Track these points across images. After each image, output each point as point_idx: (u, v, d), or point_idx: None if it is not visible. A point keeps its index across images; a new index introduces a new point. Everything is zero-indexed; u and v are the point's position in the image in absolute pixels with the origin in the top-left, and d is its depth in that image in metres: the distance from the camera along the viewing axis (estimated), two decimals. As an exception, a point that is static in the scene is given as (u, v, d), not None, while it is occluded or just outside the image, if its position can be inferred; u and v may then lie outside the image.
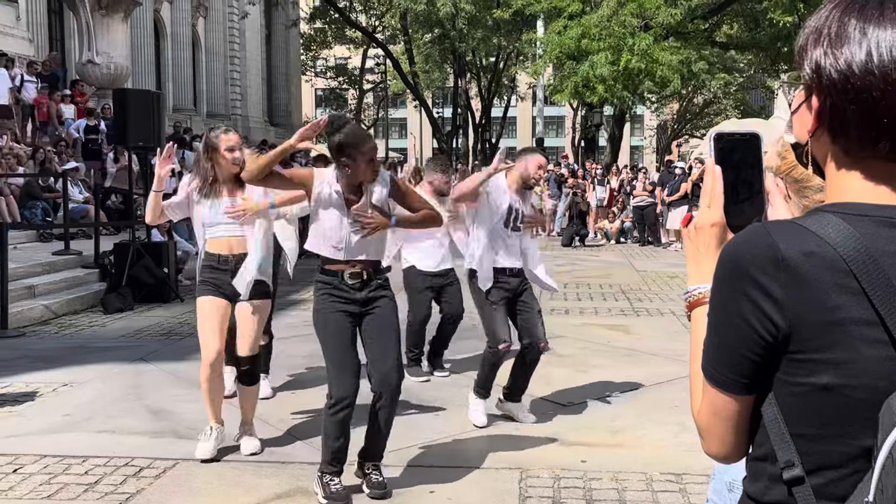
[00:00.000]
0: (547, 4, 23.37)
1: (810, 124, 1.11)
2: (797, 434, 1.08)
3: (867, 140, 1.06)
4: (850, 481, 1.05)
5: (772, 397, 1.10)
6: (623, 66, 21.07)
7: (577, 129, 33.93)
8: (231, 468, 4.54)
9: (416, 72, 33.97)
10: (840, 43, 1.06)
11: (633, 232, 19.42)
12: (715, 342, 1.12)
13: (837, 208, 1.08)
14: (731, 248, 1.10)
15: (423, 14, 27.55)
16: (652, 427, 5.17)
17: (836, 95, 1.06)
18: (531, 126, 49.77)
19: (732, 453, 1.16)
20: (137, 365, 6.97)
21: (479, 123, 37.50)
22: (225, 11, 35.06)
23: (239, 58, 36.02)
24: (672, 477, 4.29)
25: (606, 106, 25.80)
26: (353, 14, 36.74)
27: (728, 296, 1.09)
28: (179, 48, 31.84)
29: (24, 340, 8.07)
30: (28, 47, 22.61)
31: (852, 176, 1.09)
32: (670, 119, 47.22)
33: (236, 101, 35.57)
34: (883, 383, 1.01)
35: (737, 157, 1.19)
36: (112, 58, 18.36)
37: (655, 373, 6.43)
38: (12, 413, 5.59)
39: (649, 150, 56.79)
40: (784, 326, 1.05)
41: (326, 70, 48.08)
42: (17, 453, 4.73)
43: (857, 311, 1.02)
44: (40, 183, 14.05)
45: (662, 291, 11.23)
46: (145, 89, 20.39)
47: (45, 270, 10.38)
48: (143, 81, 26.57)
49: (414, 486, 4.24)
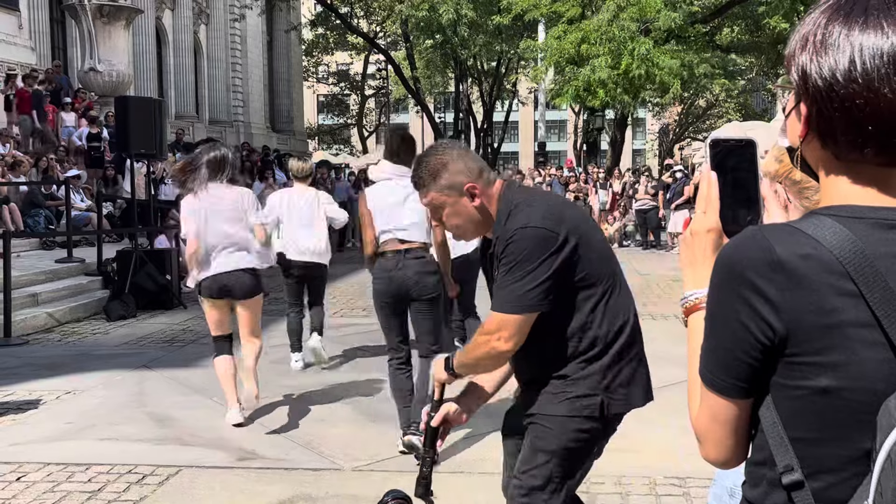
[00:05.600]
0: (546, 10, 23.38)
1: (800, 130, 1.11)
2: (796, 438, 1.08)
3: (853, 146, 1.06)
4: (849, 485, 1.04)
5: (770, 401, 1.09)
6: (624, 70, 21.07)
7: (578, 133, 33.95)
8: (234, 475, 4.55)
9: (417, 77, 33.98)
10: (825, 50, 1.05)
11: (635, 235, 19.41)
12: (712, 346, 1.12)
13: (832, 211, 1.08)
14: (727, 252, 1.10)
15: (424, 20, 27.56)
16: (655, 431, 5.14)
17: (821, 102, 1.06)
18: (533, 130, 49.84)
19: (731, 458, 1.16)
20: (140, 372, 6.97)
21: (480, 128, 37.49)
22: (226, 18, 35.14)
23: (241, 64, 36.10)
24: (676, 481, 4.28)
25: (608, 110, 25.80)
26: (355, 20, 36.77)
27: (724, 300, 1.09)
28: (181, 55, 31.91)
29: (28, 348, 8.08)
30: (30, 55, 22.69)
31: (844, 180, 1.09)
32: (672, 122, 47.23)
33: (238, 107, 35.63)
34: (881, 385, 1.01)
35: (732, 162, 1.20)
36: (114, 65, 18.41)
37: (658, 376, 6.35)
38: (16, 421, 5.60)
39: (651, 155, 56.79)
40: (781, 329, 1.04)
41: (328, 76, 48.14)
42: (20, 461, 4.73)
43: (854, 313, 1.02)
44: (43, 191, 14.08)
45: (665, 294, 11.22)
46: (147, 97, 20.47)
47: (48, 278, 10.40)
48: (146, 89, 26.63)
49: (417, 492, 4.23)
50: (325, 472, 4.58)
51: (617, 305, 2.44)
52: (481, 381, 2.67)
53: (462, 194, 2.46)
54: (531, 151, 51.02)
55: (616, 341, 2.42)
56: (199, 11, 33.36)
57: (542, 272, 2.28)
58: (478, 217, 2.48)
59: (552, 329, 2.37)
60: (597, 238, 2.47)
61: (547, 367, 2.42)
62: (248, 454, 4.84)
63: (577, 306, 2.38)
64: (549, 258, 2.29)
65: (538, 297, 2.29)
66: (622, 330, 2.44)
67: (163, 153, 11.83)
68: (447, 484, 4.36)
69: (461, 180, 2.45)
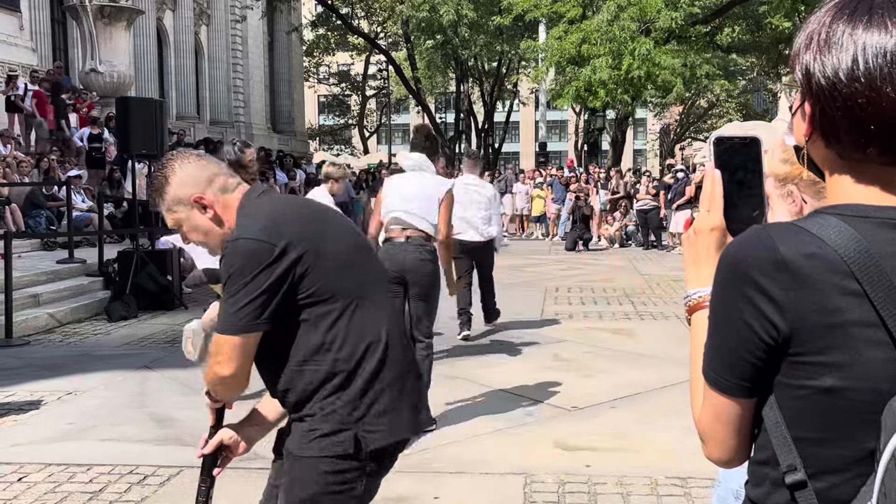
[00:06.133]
0: (547, 10, 23.39)
1: (805, 129, 1.11)
2: (799, 438, 1.07)
3: (857, 145, 1.05)
4: (853, 485, 1.04)
5: (773, 400, 1.09)
6: (625, 71, 21.07)
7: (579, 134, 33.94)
8: (235, 475, 4.54)
9: (418, 77, 34.00)
10: (828, 49, 1.05)
11: (636, 235, 19.41)
12: (715, 345, 1.12)
13: (837, 210, 1.07)
14: (731, 250, 1.10)
15: (425, 21, 27.58)
16: (657, 431, 5.15)
17: (825, 102, 1.06)
18: (534, 130, 49.82)
19: (734, 458, 1.16)
20: (142, 372, 6.97)
21: (481, 128, 37.52)
22: (227, 19, 35.18)
23: (242, 65, 36.14)
24: (677, 481, 4.27)
25: (608, 110, 25.81)
26: (356, 21, 36.80)
27: (728, 298, 1.08)
28: (182, 56, 31.95)
29: (29, 349, 8.08)
30: (31, 56, 22.72)
31: (848, 179, 1.09)
32: (673, 122, 47.23)
33: (239, 108, 35.67)
34: (886, 385, 1.01)
35: (736, 161, 1.19)
36: (115, 66, 18.43)
37: (660, 377, 6.41)
38: (17, 422, 5.60)
39: (651, 154, 56.78)
40: (784, 329, 1.04)
41: (329, 76, 48.16)
42: (21, 462, 4.73)
43: (859, 312, 1.01)
44: (44, 191, 14.09)
45: (666, 295, 11.21)
46: (148, 97, 20.49)
47: (49, 279, 10.40)
48: (147, 89, 26.66)
49: (419, 492, 4.23)
50: (327, 472, 4.57)
51: (364, 323, 2.13)
52: (263, 409, 2.44)
53: (192, 207, 2.21)
54: (532, 152, 51.01)
55: (363, 365, 2.12)
56: (200, 12, 33.39)
57: (253, 288, 2.03)
58: (218, 230, 2.22)
59: (287, 351, 2.12)
60: (340, 248, 2.18)
61: (292, 395, 2.16)
62: (248, 455, 4.83)
63: (313, 325, 2.10)
64: (263, 272, 2.03)
65: (252, 315, 2.05)
66: (371, 351, 2.13)
67: (164, 154, 11.81)
68: (447, 484, 4.36)
69: (186, 193, 2.21)
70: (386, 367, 2.14)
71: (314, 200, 2.52)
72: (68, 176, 14.08)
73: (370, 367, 2.12)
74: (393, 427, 2.15)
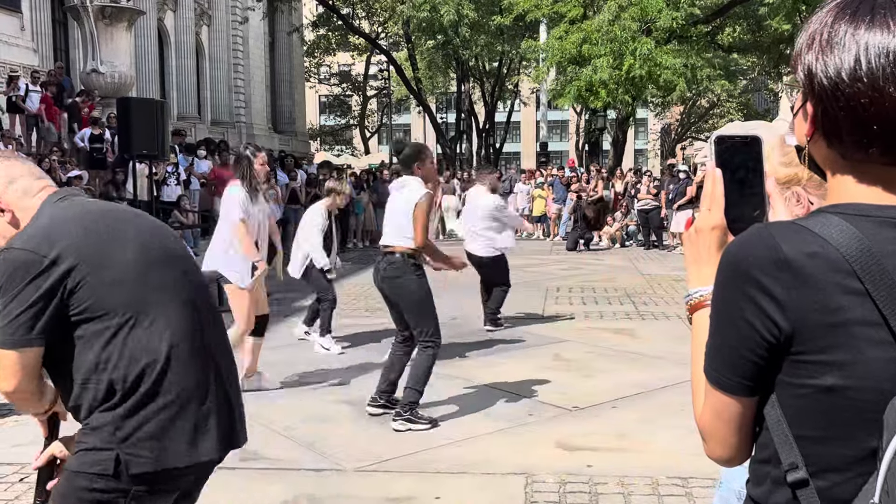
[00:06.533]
0: (548, 10, 23.40)
1: (807, 129, 1.11)
2: (801, 436, 1.07)
3: (859, 145, 1.05)
4: (854, 483, 1.04)
5: (774, 399, 1.09)
6: (626, 71, 21.07)
7: (580, 133, 33.95)
8: (236, 475, 4.54)
9: (419, 77, 34.01)
10: (830, 49, 1.05)
11: (637, 235, 19.41)
12: (717, 344, 1.11)
13: (839, 209, 1.07)
14: (733, 249, 1.10)
15: (425, 21, 27.58)
16: (658, 431, 5.15)
17: (827, 102, 1.06)
18: (535, 130, 49.77)
19: (735, 456, 1.16)
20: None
21: (482, 128, 37.52)
22: (228, 19, 35.19)
23: (243, 65, 36.15)
24: (678, 481, 4.27)
25: (609, 110, 25.80)
26: (356, 21, 36.81)
27: (730, 297, 1.08)
28: (183, 56, 31.95)
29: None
30: (32, 57, 22.73)
31: (850, 179, 1.09)
32: (674, 122, 47.22)
33: (240, 108, 35.68)
34: (888, 384, 1.01)
35: (738, 160, 1.19)
36: (116, 67, 18.42)
37: (661, 376, 6.40)
38: (18, 422, 5.60)
39: (652, 154, 56.77)
40: (786, 327, 1.04)
41: (330, 77, 48.16)
42: (23, 462, 4.72)
43: (861, 311, 1.01)
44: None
45: (668, 295, 11.21)
46: (149, 98, 20.50)
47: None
48: (148, 90, 26.67)
49: (420, 492, 4.23)
50: (328, 472, 4.58)
51: (139, 344, 2.03)
52: None
53: None
54: (533, 151, 51.00)
55: (137, 387, 2.02)
56: (201, 13, 33.40)
57: (21, 302, 1.95)
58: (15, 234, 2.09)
59: (70, 367, 2.04)
60: (127, 258, 2.06)
61: (82, 412, 2.07)
62: (250, 454, 4.83)
63: (88, 343, 2.01)
64: (30, 285, 1.95)
65: (23, 330, 1.96)
66: (145, 373, 2.03)
67: (165, 154, 11.84)
68: (448, 484, 4.35)
69: None
70: (162, 390, 2.05)
71: (119, 207, 2.37)
72: (69, 177, 14.07)
73: (144, 389, 2.03)
74: (162, 454, 2.04)
